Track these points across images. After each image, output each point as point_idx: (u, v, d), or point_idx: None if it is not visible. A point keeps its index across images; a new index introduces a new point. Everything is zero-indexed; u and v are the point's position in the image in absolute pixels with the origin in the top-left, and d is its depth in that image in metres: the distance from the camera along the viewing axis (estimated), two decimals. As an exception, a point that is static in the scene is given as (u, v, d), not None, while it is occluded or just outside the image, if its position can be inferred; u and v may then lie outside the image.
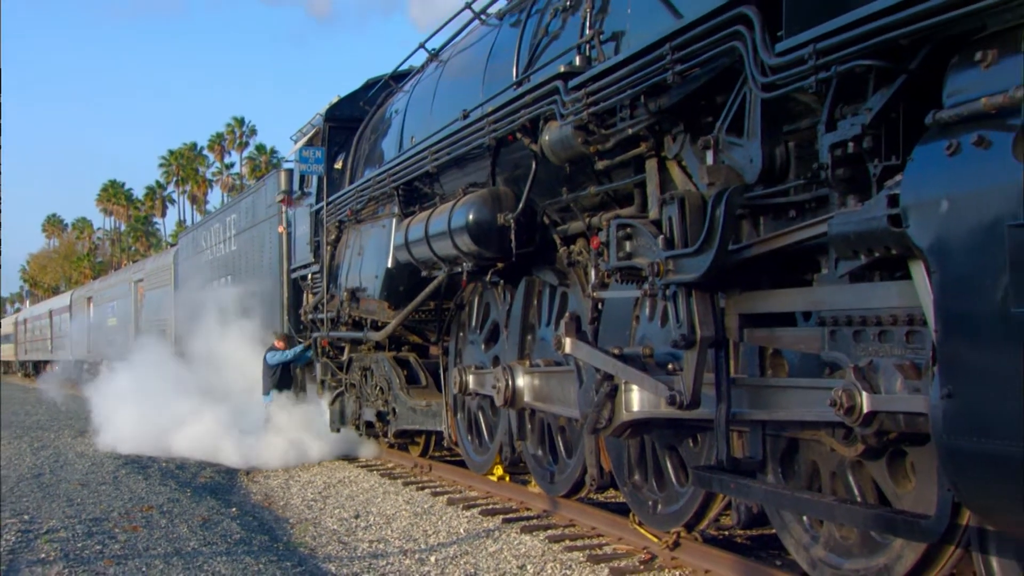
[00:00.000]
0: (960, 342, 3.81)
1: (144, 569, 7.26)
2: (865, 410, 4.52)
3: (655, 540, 7.18)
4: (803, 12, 4.79)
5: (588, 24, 7.41)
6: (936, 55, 4.17)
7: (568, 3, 7.92)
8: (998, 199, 3.61)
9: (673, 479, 7.16)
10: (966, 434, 3.76)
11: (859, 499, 5.42)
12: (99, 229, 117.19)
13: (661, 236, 5.81)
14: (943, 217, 3.85)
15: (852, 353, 4.83)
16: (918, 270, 4.19)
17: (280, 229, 15.92)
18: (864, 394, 4.52)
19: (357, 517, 9.66)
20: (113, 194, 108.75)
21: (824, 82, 4.63)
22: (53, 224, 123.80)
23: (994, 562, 4.65)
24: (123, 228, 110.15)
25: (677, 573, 6.76)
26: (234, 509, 10.20)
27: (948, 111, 3.92)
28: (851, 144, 4.62)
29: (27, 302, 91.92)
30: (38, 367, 51.65)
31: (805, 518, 5.88)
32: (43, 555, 7.84)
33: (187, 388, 17.76)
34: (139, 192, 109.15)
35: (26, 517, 9.52)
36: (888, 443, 4.84)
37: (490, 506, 9.59)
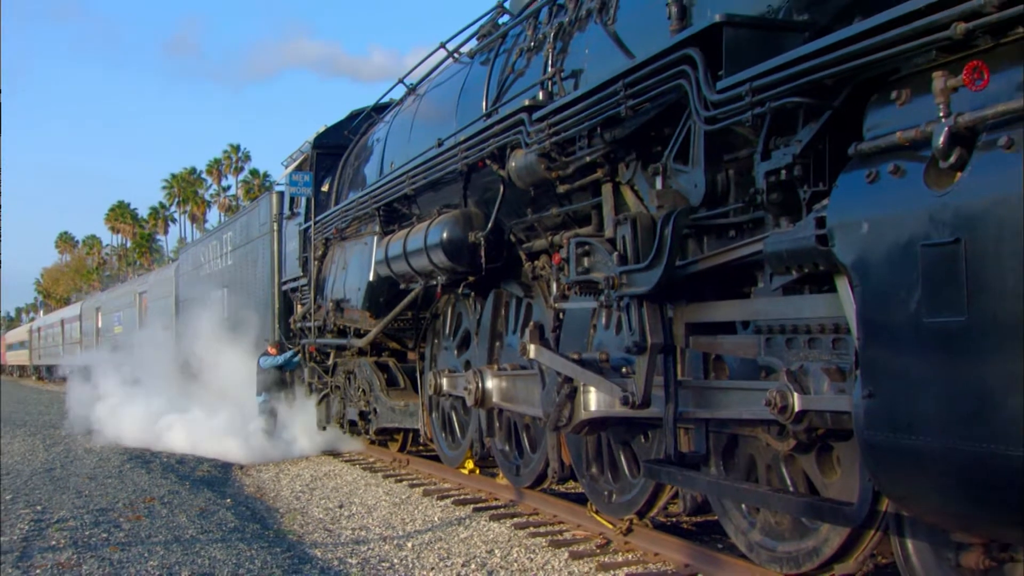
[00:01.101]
0: (879, 348, 3.82)
1: (146, 555, 7.19)
2: (796, 409, 4.54)
3: (610, 527, 7.19)
4: (741, 54, 4.81)
5: (550, 63, 7.42)
6: (857, 94, 4.18)
7: (532, 44, 7.91)
8: (912, 222, 3.63)
9: (626, 471, 7.18)
10: (884, 430, 3.77)
11: (791, 489, 5.43)
12: (107, 245, 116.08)
13: (615, 253, 5.82)
14: (864, 237, 3.87)
15: (785, 358, 4.84)
16: (843, 284, 4.20)
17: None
18: (795, 395, 4.54)
19: (341, 507, 9.63)
20: (120, 214, 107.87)
21: (759, 116, 4.64)
22: (65, 241, 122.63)
23: (909, 544, 4.67)
24: (129, 244, 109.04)
25: (630, 556, 6.76)
26: (229, 500, 10.13)
27: (868, 143, 3.95)
28: (783, 172, 4.63)
29: (41, 312, 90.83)
30: (51, 370, 51.12)
31: (744, 506, 5.89)
32: (54, 542, 7.77)
33: (189, 389, 17.78)
34: (144, 212, 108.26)
35: (39, 508, 9.43)
36: (816, 438, 4.86)
37: (462, 497, 9.57)
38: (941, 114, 3.49)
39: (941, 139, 3.47)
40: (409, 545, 7.63)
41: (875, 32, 3.83)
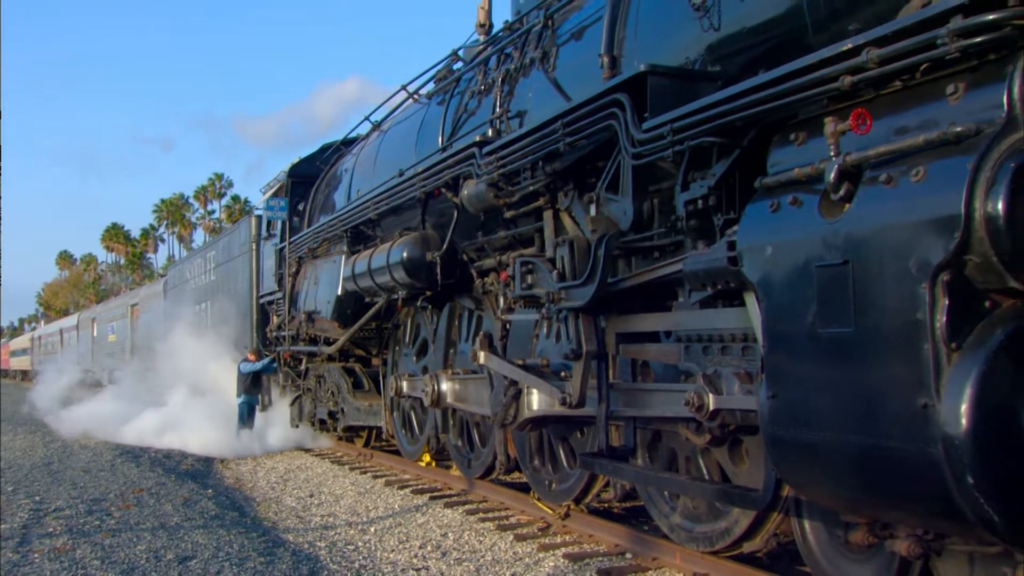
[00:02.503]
0: (781, 355, 3.85)
1: (135, 540, 7.06)
2: (711, 408, 4.57)
3: (550, 512, 7.19)
4: (663, 99, 4.86)
5: (498, 104, 7.45)
6: (762, 135, 4.24)
7: (482, 87, 7.95)
8: (808, 246, 3.67)
9: (565, 463, 7.18)
10: (785, 426, 3.80)
11: (707, 477, 5.47)
12: (102, 263, 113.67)
13: (555, 271, 5.86)
14: (768, 259, 3.90)
15: (701, 363, 4.88)
16: (750, 300, 4.24)
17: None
18: (710, 395, 4.58)
19: (311, 496, 9.53)
20: (114, 234, 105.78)
21: (679, 153, 4.67)
22: (64, 258, 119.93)
23: (806, 524, 4.75)
24: (122, 262, 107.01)
25: (567, 538, 6.75)
26: (210, 491, 9.97)
27: (771, 178, 4.00)
28: (700, 201, 4.69)
29: (41, 322, 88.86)
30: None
31: (666, 493, 5.92)
32: (51, 529, 7.60)
33: (174, 392, 17.53)
34: (136, 232, 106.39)
35: (37, 498, 9.21)
36: (728, 433, 4.87)
37: (419, 486, 9.51)
38: (832, 153, 3.55)
39: (832, 175, 3.52)
40: (372, 530, 7.58)
41: (777, 82, 3.90)
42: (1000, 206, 3.02)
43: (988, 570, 3.77)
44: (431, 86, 9.79)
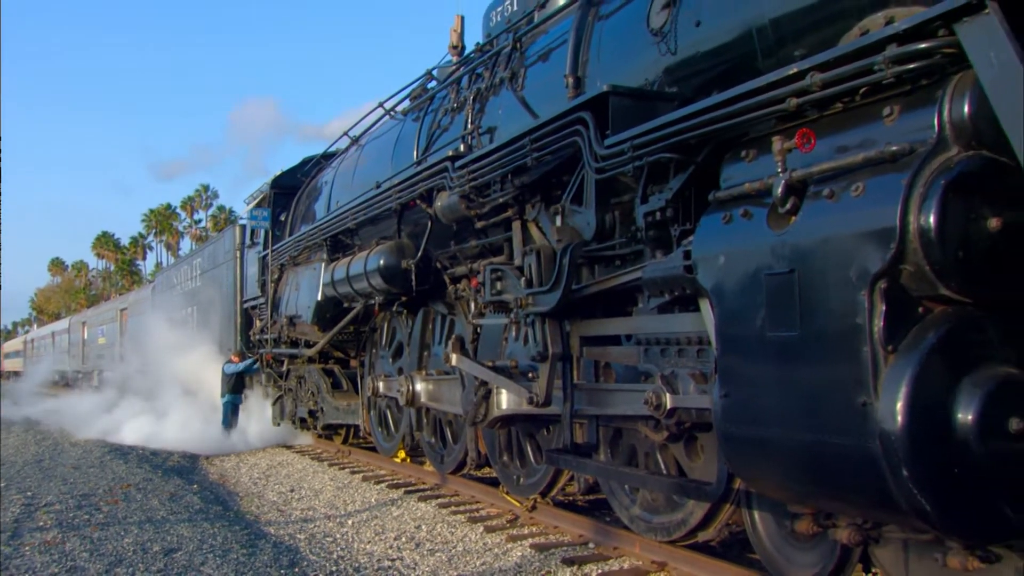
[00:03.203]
0: (733, 357, 3.86)
1: (122, 533, 6.97)
2: (668, 407, 4.61)
3: (518, 505, 7.19)
4: (624, 117, 4.87)
5: (470, 120, 7.46)
6: (715, 151, 4.26)
7: (455, 105, 7.94)
8: (758, 255, 3.70)
9: (532, 459, 7.18)
10: (737, 423, 3.82)
11: (664, 472, 5.49)
12: (93, 269, 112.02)
13: (523, 278, 5.86)
14: (721, 267, 3.91)
15: (659, 365, 4.90)
16: (705, 305, 4.26)
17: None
18: (668, 395, 4.61)
19: (292, 491, 9.45)
20: (105, 242, 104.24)
21: (639, 168, 4.69)
22: (56, 265, 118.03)
23: (755, 515, 4.80)
24: (112, 268, 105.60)
25: (534, 529, 6.76)
26: (195, 486, 9.85)
27: (724, 192, 4.03)
28: (658, 213, 4.71)
29: (34, 325, 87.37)
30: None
31: (626, 486, 5.93)
32: (41, 523, 7.48)
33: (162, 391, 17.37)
34: (125, 240, 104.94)
35: (29, 494, 9.06)
36: (684, 430, 4.91)
37: (395, 481, 9.47)
38: (779, 170, 3.58)
39: (779, 190, 3.55)
40: (350, 522, 7.53)
41: (729, 103, 3.93)
42: (932, 219, 3.06)
43: (921, 556, 3.83)
44: (407, 103, 9.79)
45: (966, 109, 3.15)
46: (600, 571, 5.50)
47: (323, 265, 10.56)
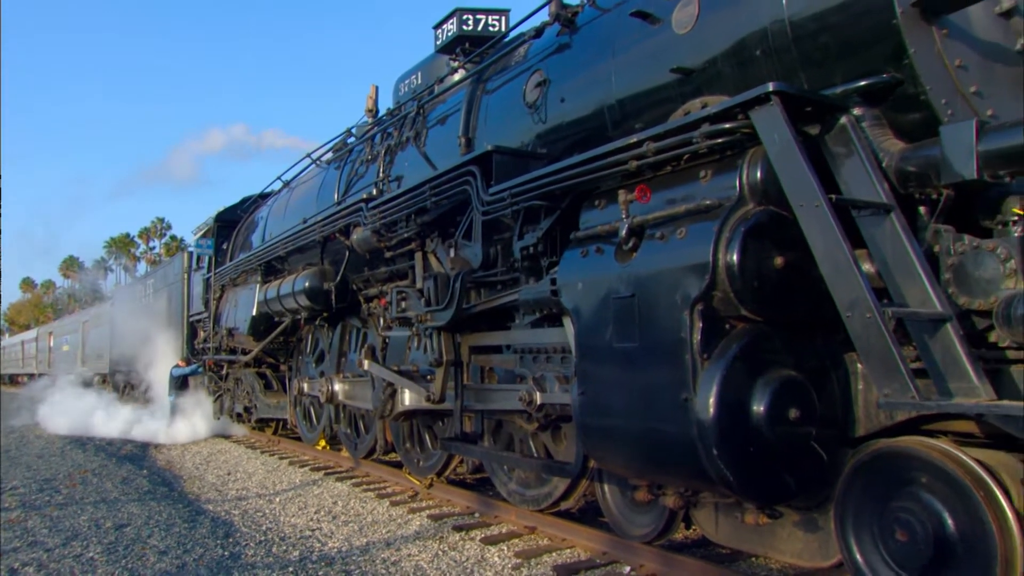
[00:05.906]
0: (588, 363, 3.91)
1: (79, 512, 6.52)
2: (538, 403, 4.65)
3: (418, 483, 7.09)
4: (504, 171, 4.91)
5: (381, 170, 7.37)
6: (576, 200, 4.33)
7: (369, 157, 7.84)
8: (607, 283, 3.77)
9: (430, 445, 7.10)
10: (590, 416, 3.88)
11: (535, 455, 5.51)
12: (60, 287, 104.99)
13: (423, 298, 5.82)
14: (579, 292, 3.97)
15: (532, 369, 4.94)
16: (567, 322, 4.34)
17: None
18: (538, 393, 4.65)
19: (229, 474, 9.05)
20: (70, 264, 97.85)
21: (516, 211, 4.75)
22: (27, 283, 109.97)
23: (605, 487, 4.87)
24: (77, 287, 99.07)
25: (431, 503, 6.67)
26: (145, 471, 9.31)
27: (582, 232, 4.10)
28: (531, 248, 4.75)
29: (6, 335, 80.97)
30: (13, 378, 45.96)
31: (505, 467, 5.93)
32: (6, 505, 6.92)
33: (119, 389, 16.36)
34: (89, 263, 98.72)
35: (-7, 480, 8.41)
36: (551, 422, 4.94)
37: (316, 465, 9.20)
38: (624, 216, 3.69)
39: (623, 232, 3.66)
40: (277, 500, 7.27)
41: (585, 163, 4.01)
42: (735, 257, 3.22)
43: (727, 515, 3.99)
44: (330, 155, 9.63)
45: (759, 174, 3.33)
46: (483, 535, 5.48)
47: (258, 286, 10.22)
